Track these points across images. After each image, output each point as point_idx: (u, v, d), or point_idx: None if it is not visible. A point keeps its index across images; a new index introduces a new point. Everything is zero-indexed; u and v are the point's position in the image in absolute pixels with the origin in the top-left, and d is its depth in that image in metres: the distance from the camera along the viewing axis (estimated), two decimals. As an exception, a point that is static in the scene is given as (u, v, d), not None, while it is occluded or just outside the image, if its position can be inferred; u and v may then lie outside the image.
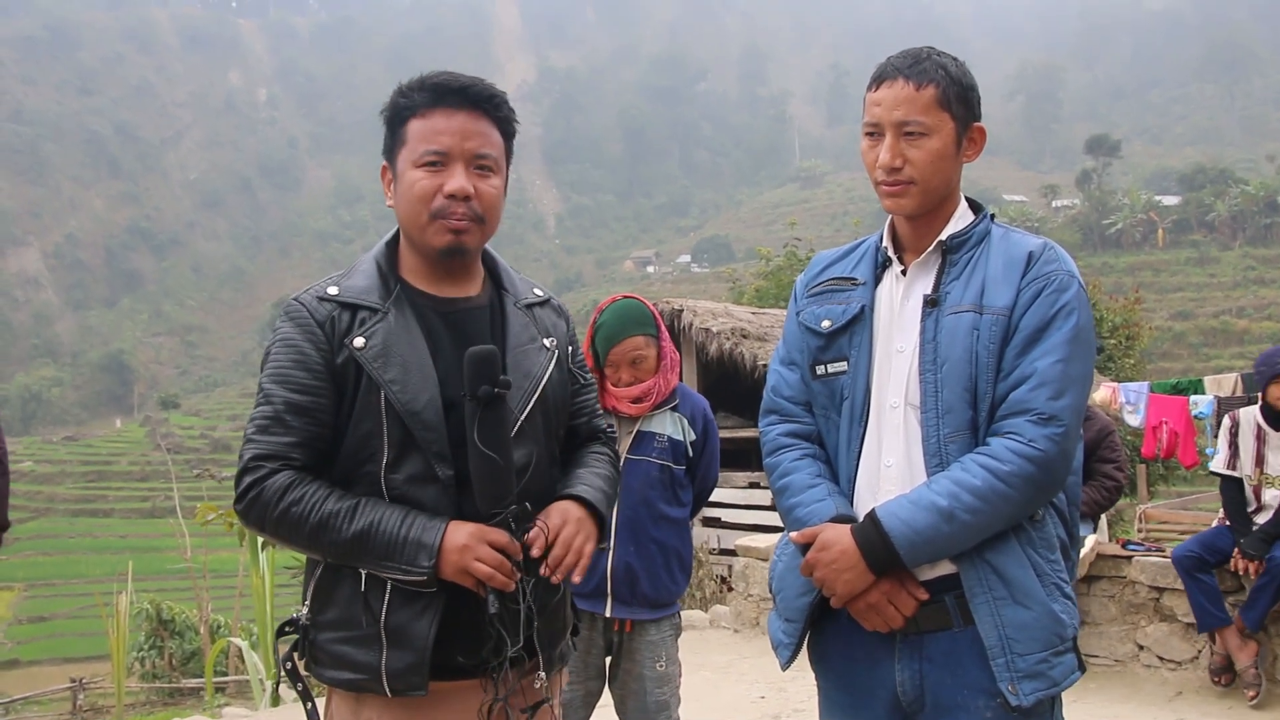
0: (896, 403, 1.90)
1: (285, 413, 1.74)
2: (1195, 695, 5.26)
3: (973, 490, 1.77)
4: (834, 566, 1.84)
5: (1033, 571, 1.81)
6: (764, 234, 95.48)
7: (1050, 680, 1.80)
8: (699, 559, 9.53)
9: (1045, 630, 1.80)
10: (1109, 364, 17.99)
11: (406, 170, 1.79)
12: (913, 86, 1.87)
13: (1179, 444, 10.31)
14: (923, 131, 1.87)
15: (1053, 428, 1.77)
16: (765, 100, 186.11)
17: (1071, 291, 1.84)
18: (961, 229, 1.93)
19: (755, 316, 13.49)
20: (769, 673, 6.03)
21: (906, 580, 1.84)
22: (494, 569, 1.68)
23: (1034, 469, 1.76)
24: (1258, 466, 5.28)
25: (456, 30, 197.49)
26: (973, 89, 1.93)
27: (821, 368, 1.99)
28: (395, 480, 1.74)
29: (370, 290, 1.81)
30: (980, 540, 1.80)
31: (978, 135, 1.94)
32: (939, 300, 1.89)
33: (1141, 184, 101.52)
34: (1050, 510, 1.87)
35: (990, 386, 1.83)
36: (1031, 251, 1.88)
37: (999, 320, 1.83)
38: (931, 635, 1.85)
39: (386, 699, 1.74)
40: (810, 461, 1.99)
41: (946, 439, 1.84)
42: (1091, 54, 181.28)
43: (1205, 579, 5.16)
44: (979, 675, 1.80)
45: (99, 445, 78.59)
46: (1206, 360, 57.65)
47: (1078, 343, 1.82)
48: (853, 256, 2.06)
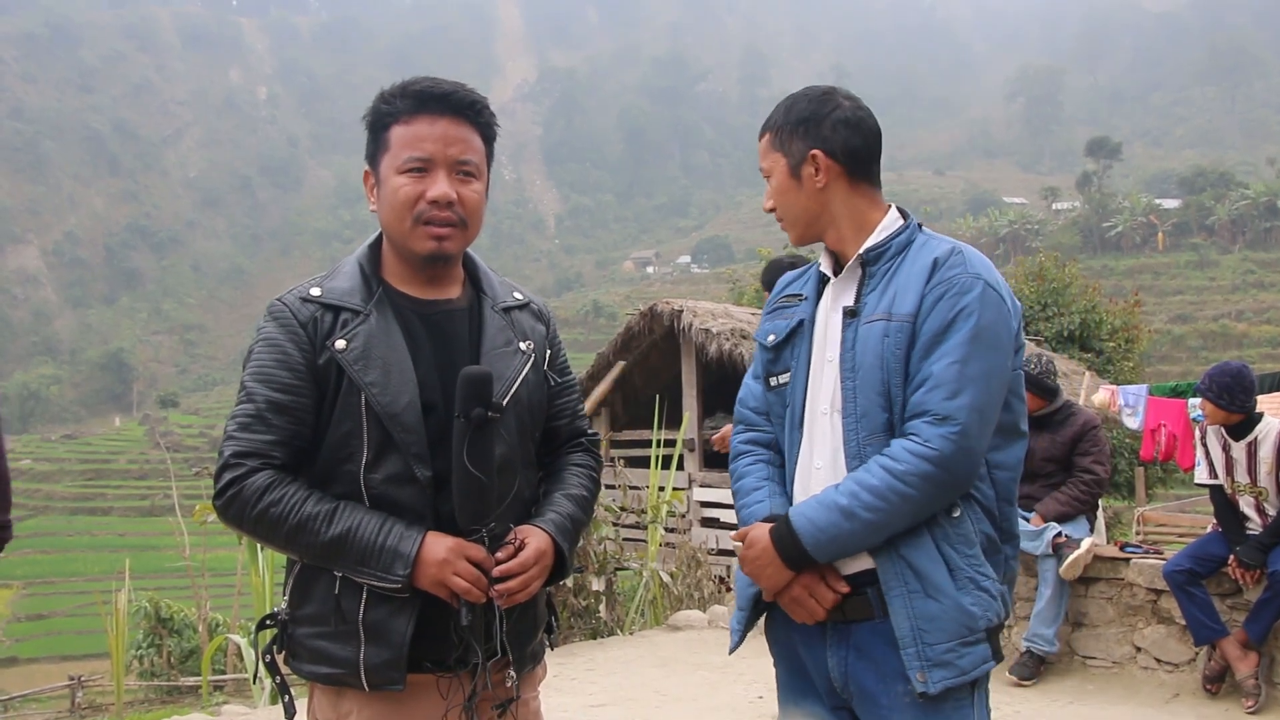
0: (825, 409, 2.01)
1: (266, 411, 1.77)
2: (1192, 698, 5.24)
3: (871, 489, 1.86)
4: (757, 563, 1.97)
5: (944, 566, 1.90)
6: (764, 235, 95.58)
7: (958, 669, 1.87)
8: (698, 559, 9.54)
9: (954, 622, 1.88)
10: (1108, 366, 18.17)
11: (390, 176, 1.82)
12: (760, 138, 2.12)
13: (1177, 447, 10.30)
14: (766, 174, 2.10)
15: (947, 427, 1.85)
16: (766, 101, 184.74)
17: (973, 294, 1.90)
18: (879, 241, 2.01)
19: (755, 317, 13.13)
20: (767, 673, 5.85)
21: (828, 574, 1.94)
22: (471, 584, 1.73)
23: (930, 467, 1.84)
24: (1228, 475, 5.29)
25: (458, 30, 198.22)
26: (809, 119, 2.04)
27: (774, 379, 2.12)
28: (374, 480, 1.77)
29: (353, 292, 1.84)
30: (887, 536, 1.89)
31: (818, 160, 2.03)
32: (858, 311, 1.98)
33: (1142, 187, 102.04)
34: (972, 506, 1.94)
35: (901, 390, 1.92)
36: (937, 258, 1.95)
37: (904, 326, 1.91)
38: (857, 625, 1.95)
39: (365, 693, 1.78)
40: (761, 466, 2.12)
41: (864, 442, 1.94)
42: (1092, 57, 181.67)
43: (1197, 592, 5.16)
44: (896, 663, 1.89)
45: (98, 443, 78.62)
46: (1206, 363, 57.21)
47: (977, 343, 1.88)
48: (806, 275, 2.17)
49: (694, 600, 9.01)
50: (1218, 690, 5.18)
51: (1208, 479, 5.41)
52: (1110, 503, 16.44)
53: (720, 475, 12.60)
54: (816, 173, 2.02)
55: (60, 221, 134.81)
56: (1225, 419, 5.18)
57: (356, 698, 1.79)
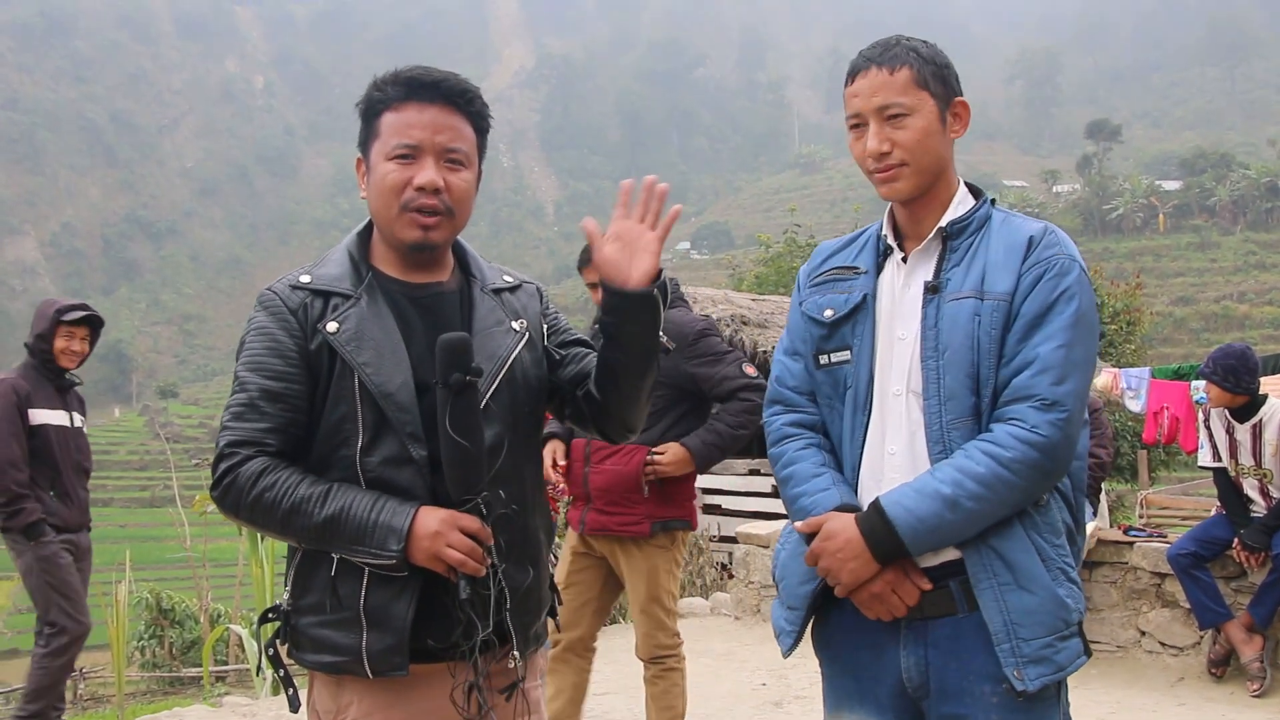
0: (899, 390, 1.91)
1: (260, 399, 1.77)
2: (1197, 681, 5.30)
3: (976, 477, 1.77)
4: (839, 556, 1.85)
5: (1037, 556, 1.82)
6: (764, 220, 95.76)
7: (1056, 665, 1.80)
8: (699, 546, 9.59)
9: (1050, 615, 1.80)
10: (1110, 349, 18.03)
11: (379, 163, 1.83)
12: (886, 72, 1.90)
13: (1180, 429, 10.32)
14: (904, 112, 1.89)
15: (1055, 413, 1.78)
16: (764, 86, 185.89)
17: (1073, 276, 1.84)
18: (962, 215, 1.93)
19: (755, 303, 13.43)
20: (770, 659, 6.03)
21: (910, 569, 1.85)
22: (465, 555, 1.71)
23: (1037, 455, 1.77)
24: (1232, 458, 5.29)
25: (455, 17, 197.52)
26: (947, 66, 1.93)
27: (825, 357, 2.00)
28: (370, 463, 1.77)
29: (342, 278, 1.85)
30: (985, 527, 1.80)
31: (961, 110, 1.94)
32: (940, 287, 1.89)
33: (1142, 169, 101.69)
34: (1055, 495, 1.88)
35: (992, 372, 1.83)
36: (1032, 236, 1.88)
37: (1000, 306, 1.83)
38: (936, 621, 1.86)
39: (367, 681, 1.77)
40: (814, 451, 2.00)
41: (949, 425, 1.85)
42: (1091, 38, 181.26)
43: (1202, 576, 5.16)
44: (984, 661, 1.81)
45: (97, 434, 77.78)
46: (1207, 345, 57.39)
47: (1079, 327, 1.82)
48: (854, 246, 2.07)
49: (696, 588, 9.03)
50: (1223, 674, 5.22)
51: (1211, 462, 5.40)
52: (1113, 486, 16.28)
53: (720, 462, 12.25)
54: (955, 122, 1.94)
55: (57, 212, 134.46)
56: (1230, 401, 5.17)
57: (357, 687, 1.79)
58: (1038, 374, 1.79)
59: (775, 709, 5.35)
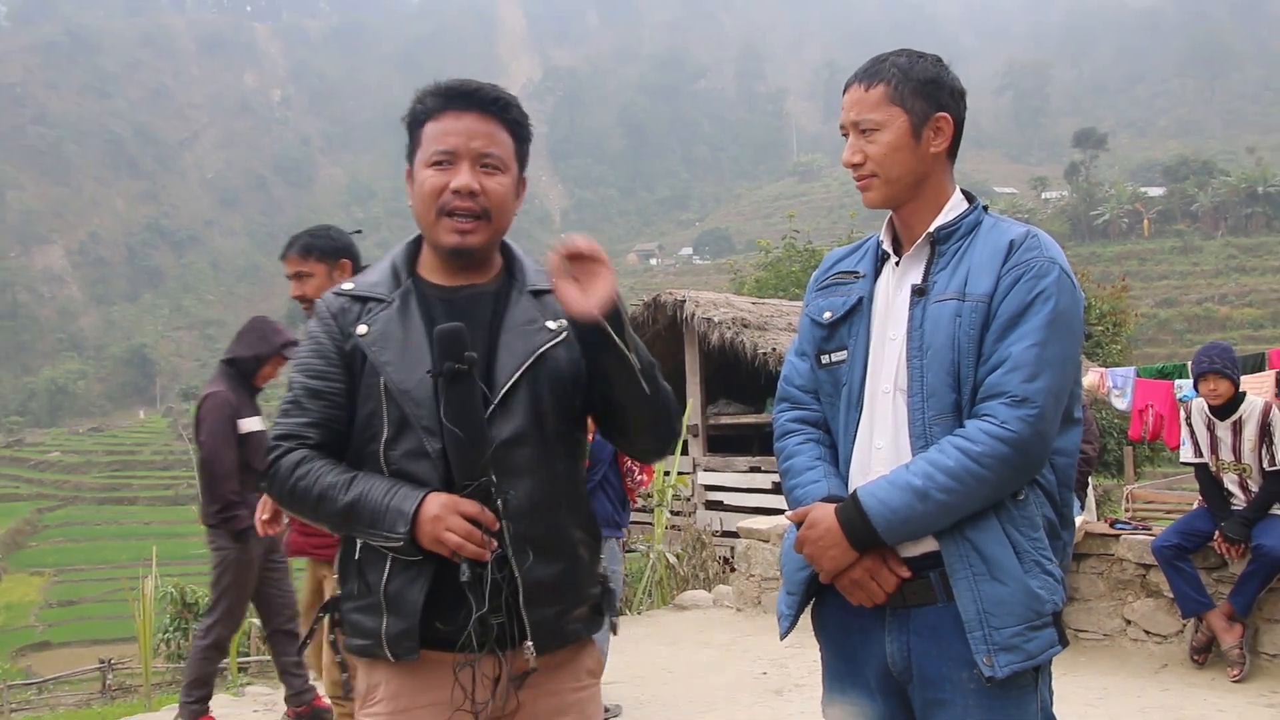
0: (888, 388, 1.97)
1: (302, 396, 1.87)
2: (1180, 668, 5.29)
3: (946, 470, 1.81)
4: (820, 543, 1.92)
5: (1011, 549, 1.85)
6: (763, 226, 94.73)
7: (1026, 653, 1.83)
8: (703, 541, 9.70)
9: (1021, 605, 1.83)
10: (1096, 350, 18.25)
11: (420, 170, 1.89)
12: (863, 88, 1.98)
13: (1164, 426, 10.32)
14: (874, 127, 1.96)
15: (1025, 409, 1.80)
16: (763, 97, 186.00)
17: (1050, 277, 1.86)
18: (950, 220, 1.98)
19: (755, 306, 13.50)
20: (771, 649, 6.10)
21: (889, 557, 1.91)
22: (463, 538, 1.73)
23: (1007, 450, 1.80)
24: (1213, 454, 5.25)
25: (463, 32, 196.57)
26: (933, 82, 1.97)
27: (825, 357, 2.07)
28: (394, 456, 1.83)
29: (380, 283, 1.93)
30: (957, 519, 1.84)
31: (943, 124, 1.97)
32: (926, 289, 1.94)
33: (1127, 176, 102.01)
34: (1035, 490, 1.91)
35: (972, 371, 1.87)
36: (1013, 240, 1.91)
37: (979, 307, 1.87)
38: (918, 609, 1.91)
39: (393, 665, 1.84)
40: (812, 445, 2.07)
41: (931, 421, 1.90)
42: (1077, 51, 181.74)
43: (1185, 567, 5.13)
44: (961, 648, 1.85)
45: (123, 436, 79.80)
46: (1190, 346, 55.54)
47: (1055, 327, 1.84)
48: (859, 252, 2.14)
49: (699, 581, 9.11)
50: (1204, 660, 5.21)
51: (1193, 457, 5.37)
52: (1100, 481, 16.64)
53: (723, 459, 12.99)
54: (935, 136, 1.97)
55: (84, 222, 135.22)
56: (1230, 391, 5.18)
57: (385, 669, 1.86)
58: (1009, 371, 1.82)
59: (775, 697, 5.34)
